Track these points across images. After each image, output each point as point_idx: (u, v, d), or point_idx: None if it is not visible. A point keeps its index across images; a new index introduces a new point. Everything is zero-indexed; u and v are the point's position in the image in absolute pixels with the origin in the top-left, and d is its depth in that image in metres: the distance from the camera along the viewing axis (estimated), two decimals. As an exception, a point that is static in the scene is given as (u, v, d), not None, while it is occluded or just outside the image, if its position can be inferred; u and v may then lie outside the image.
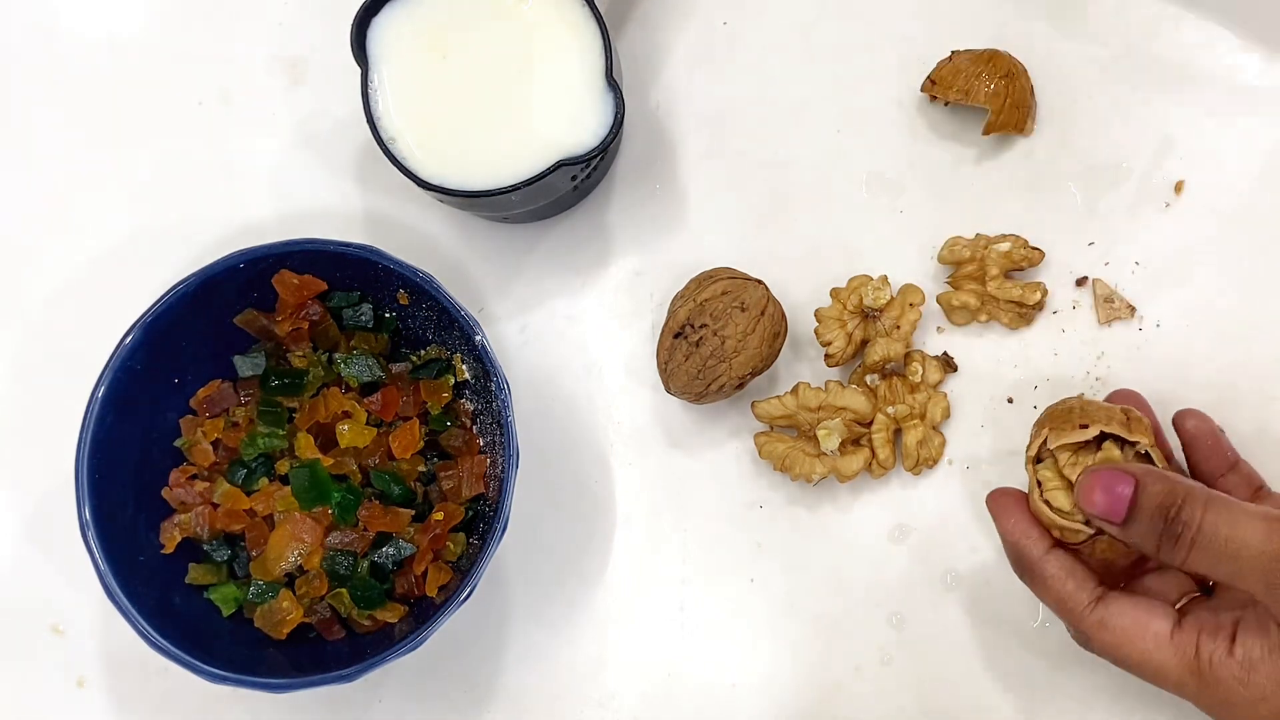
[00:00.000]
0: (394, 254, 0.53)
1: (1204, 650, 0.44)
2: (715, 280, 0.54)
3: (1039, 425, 0.50)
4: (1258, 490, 0.50)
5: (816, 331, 0.56)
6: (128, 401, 0.53)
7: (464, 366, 0.56)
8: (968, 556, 0.56)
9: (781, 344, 0.55)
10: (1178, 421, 0.51)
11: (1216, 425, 0.51)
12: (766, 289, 0.54)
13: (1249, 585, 0.42)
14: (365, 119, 0.53)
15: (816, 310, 0.56)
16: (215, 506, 0.55)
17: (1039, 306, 0.56)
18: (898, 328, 0.56)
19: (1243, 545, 0.42)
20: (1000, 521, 0.49)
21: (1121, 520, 0.45)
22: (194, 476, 0.55)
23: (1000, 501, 0.49)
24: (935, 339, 0.58)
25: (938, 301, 0.57)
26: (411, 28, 0.53)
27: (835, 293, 0.56)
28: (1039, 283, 0.56)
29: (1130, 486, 0.44)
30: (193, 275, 0.53)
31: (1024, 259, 0.56)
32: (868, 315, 0.56)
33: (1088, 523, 0.47)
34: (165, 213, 0.61)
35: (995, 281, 0.56)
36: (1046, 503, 0.48)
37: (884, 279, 0.56)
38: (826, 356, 0.56)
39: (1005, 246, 0.56)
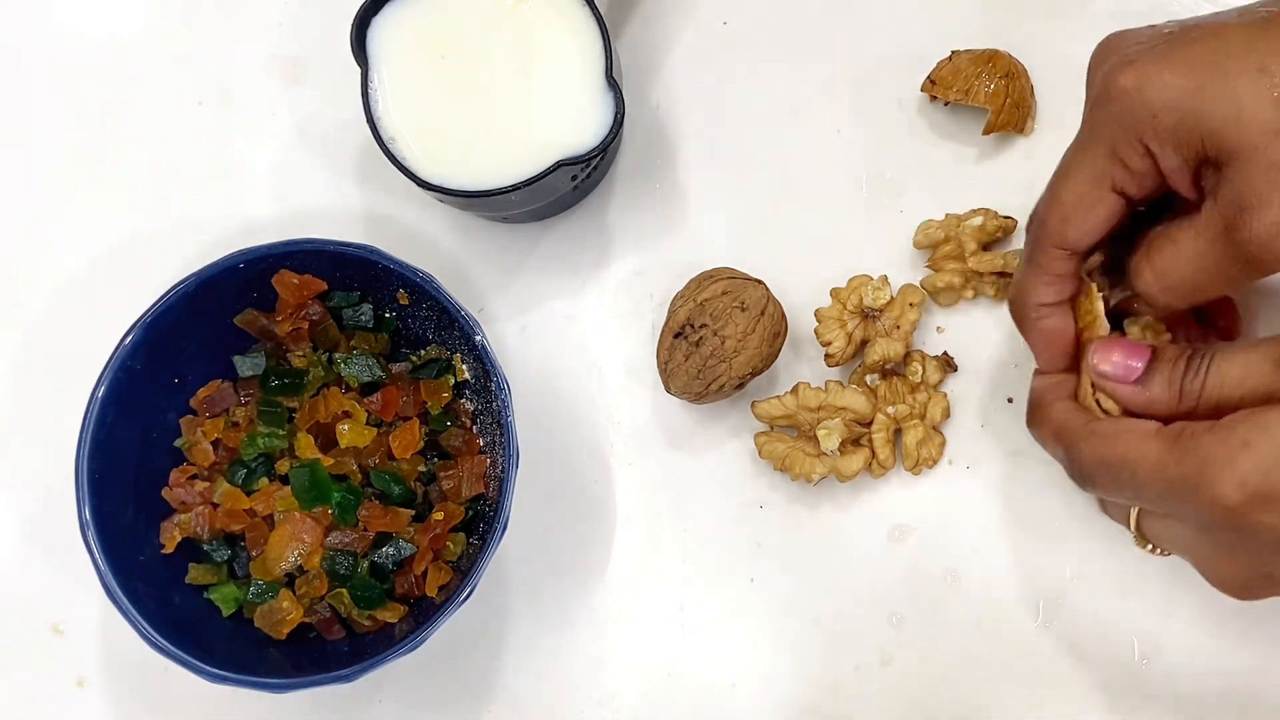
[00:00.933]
0: (394, 254, 0.53)
1: (1186, 428, 0.44)
2: (715, 280, 0.54)
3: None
4: None
5: (816, 331, 0.56)
6: (128, 401, 0.53)
7: (464, 366, 0.56)
8: (968, 556, 0.56)
9: (781, 344, 0.55)
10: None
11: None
12: (766, 289, 0.54)
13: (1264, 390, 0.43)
14: (365, 119, 0.53)
15: (816, 310, 0.56)
16: (215, 506, 0.55)
17: None
18: (898, 327, 0.56)
19: (1258, 372, 0.43)
20: (1038, 353, 0.50)
21: (1138, 377, 0.46)
22: (194, 476, 0.55)
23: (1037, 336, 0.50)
24: (935, 339, 0.58)
25: (922, 285, 0.57)
26: (411, 28, 0.53)
27: (835, 293, 0.56)
28: (1018, 250, 0.56)
29: (1147, 352, 0.46)
30: (193, 275, 0.53)
31: (998, 229, 0.56)
32: (868, 315, 0.56)
33: None
34: (165, 213, 0.61)
35: (974, 256, 0.56)
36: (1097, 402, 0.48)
37: (884, 279, 0.56)
38: (826, 356, 0.56)
39: (978, 221, 0.56)
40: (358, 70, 0.54)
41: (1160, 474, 0.43)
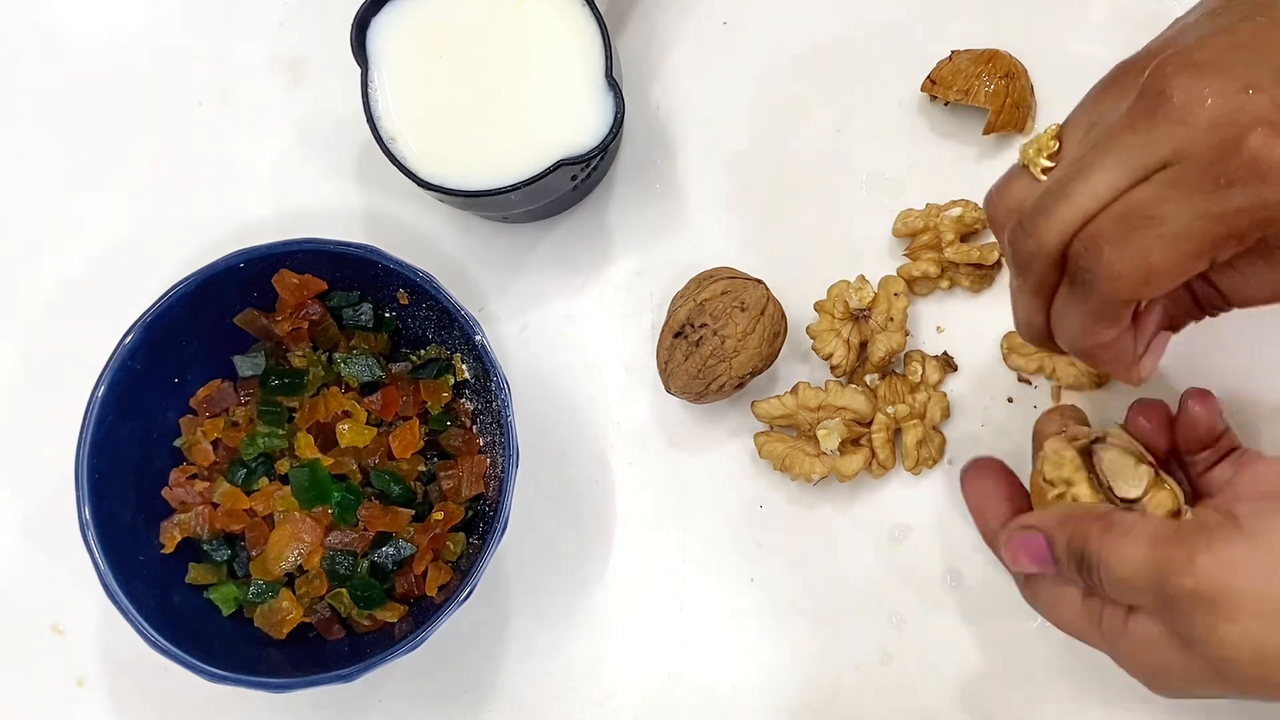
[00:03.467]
0: (394, 254, 0.53)
1: (1106, 613, 0.45)
2: (715, 280, 0.54)
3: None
4: (1224, 455, 0.49)
5: (814, 348, 0.56)
6: (128, 401, 0.53)
7: (464, 366, 0.56)
8: (968, 556, 0.56)
9: (781, 344, 0.55)
10: (1183, 399, 0.50)
11: (1217, 408, 0.49)
12: (766, 289, 0.54)
13: (1144, 603, 0.43)
14: (365, 119, 0.53)
15: (809, 328, 0.56)
16: (215, 506, 0.55)
17: (998, 266, 0.57)
18: (891, 319, 0.56)
19: (1131, 571, 0.42)
20: (968, 489, 0.50)
21: (1054, 569, 0.46)
22: (194, 476, 0.55)
23: (974, 471, 0.51)
24: (935, 339, 0.58)
25: (898, 274, 0.57)
26: (411, 28, 0.53)
27: (820, 305, 0.56)
28: (995, 243, 0.56)
29: (1042, 541, 0.46)
30: (193, 275, 0.53)
31: (976, 221, 0.56)
32: (858, 317, 0.56)
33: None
34: (165, 213, 0.61)
35: (952, 247, 0.56)
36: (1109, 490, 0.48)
37: (861, 278, 0.56)
38: (832, 368, 0.56)
39: (956, 212, 0.56)
40: (358, 70, 0.54)
41: (1096, 645, 0.47)
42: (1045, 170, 0.43)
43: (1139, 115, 0.39)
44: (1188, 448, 0.49)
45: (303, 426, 0.55)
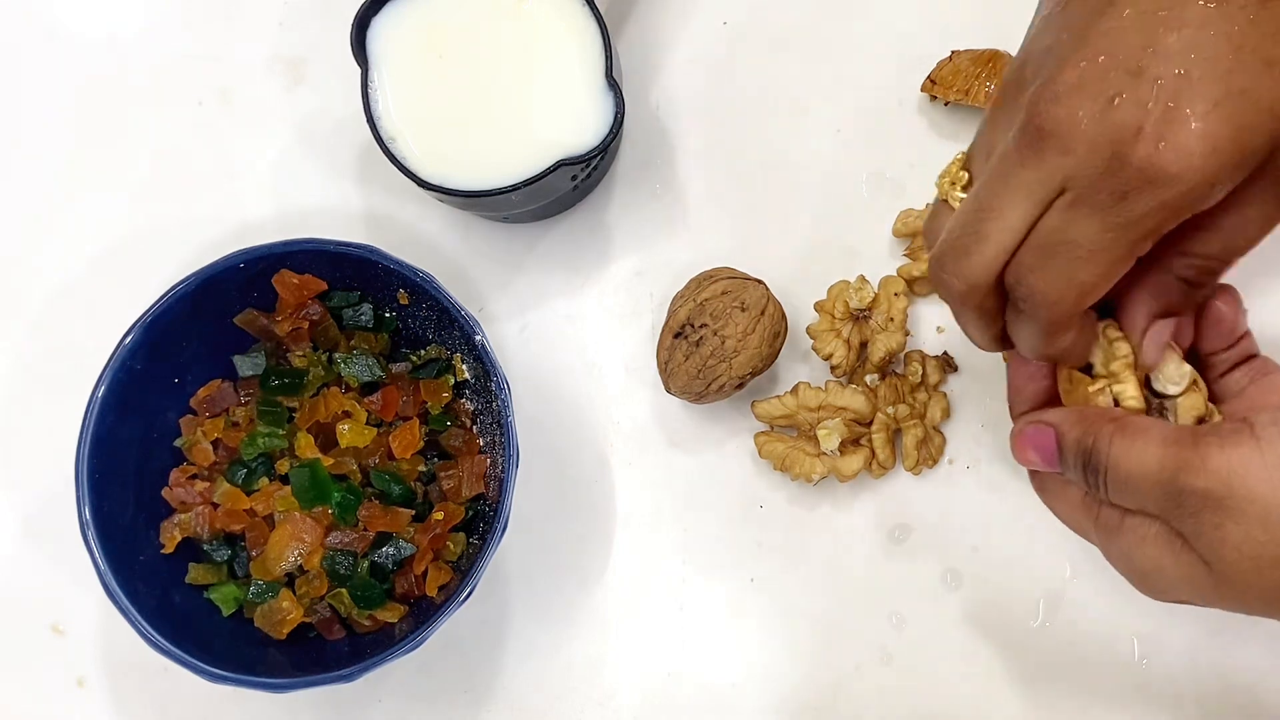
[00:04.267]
0: (394, 254, 0.53)
1: (1104, 511, 0.45)
2: (715, 280, 0.54)
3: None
4: (1243, 361, 0.48)
5: (814, 348, 0.56)
6: (128, 401, 0.53)
7: (464, 366, 0.56)
8: (968, 556, 0.56)
9: (781, 344, 0.55)
10: (1211, 299, 0.49)
11: (1241, 307, 0.48)
12: (766, 289, 0.54)
13: (1153, 509, 0.43)
14: (365, 119, 0.53)
15: (809, 328, 0.56)
16: (215, 506, 0.55)
17: None
18: (891, 319, 0.56)
19: (1142, 476, 0.42)
20: (1014, 366, 0.49)
21: (1056, 469, 0.46)
22: (194, 476, 0.55)
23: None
24: (935, 339, 0.58)
25: (898, 274, 0.57)
26: (411, 28, 0.53)
27: (820, 305, 0.56)
28: None
29: (1052, 437, 0.45)
30: (193, 275, 0.53)
31: None
32: (858, 317, 0.56)
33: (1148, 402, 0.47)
34: (165, 213, 0.61)
35: None
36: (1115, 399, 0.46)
37: (861, 278, 0.56)
38: (832, 368, 0.56)
39: None
40: (358, 70, 0.54)
41: (1086, 534, 0.46)
42: (960, 201, 0.44)
43: (1026, 151, 0.40)
44: (1210, 347, 0.48)
45: (303, 426, 0.55)
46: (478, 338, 0.53)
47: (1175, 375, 0.46)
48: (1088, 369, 0.47)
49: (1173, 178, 0.38)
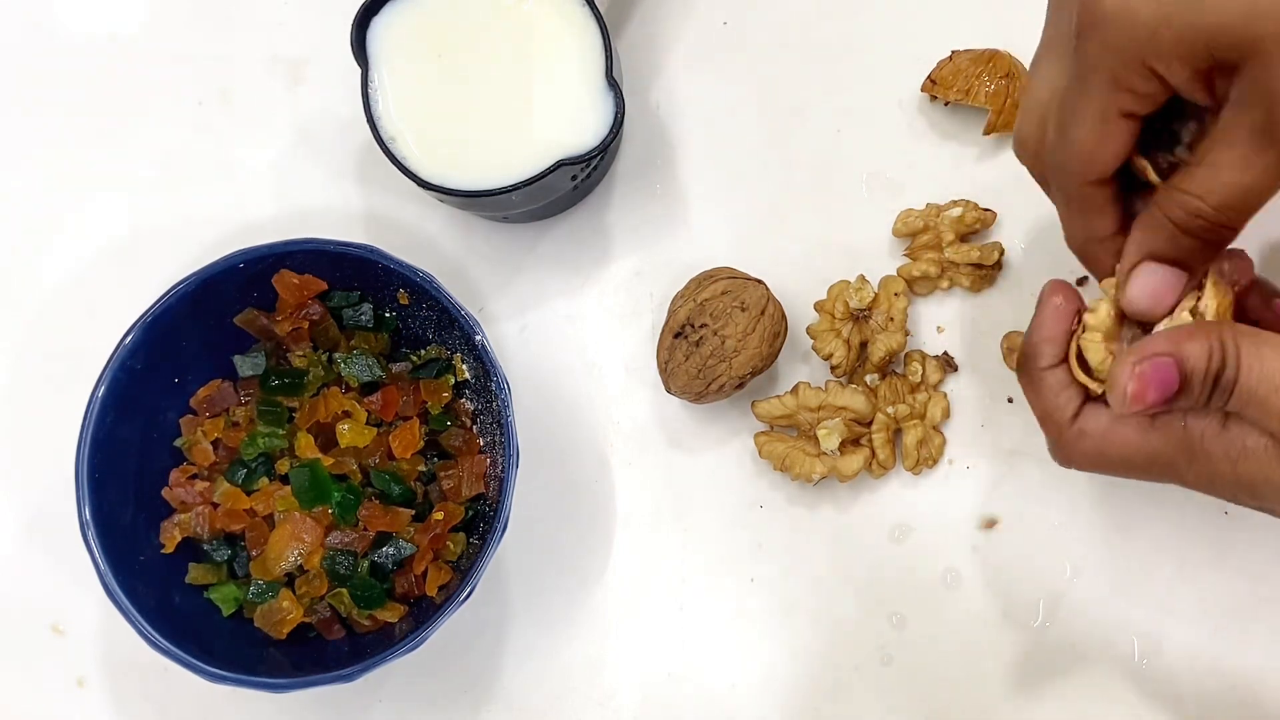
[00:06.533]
0: (394, 254, 0.53)
1: (1193, 427, 0.43)
2: (715, 280, 0.54)
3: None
4: (1271, 299, 0.48)
5: (814, 348, 0.56)
6: (128, 401, 0.53)
7: (464, 366, 0.56)
8: (968, 556, 0.56)
9: (781, 344, 0.55)
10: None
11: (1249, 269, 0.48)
12: (766, 289, 0.54)
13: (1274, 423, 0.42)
14: (365, 119, 0.53)
15: (809, 327, 0.56)
16: (215, 506, 0.55)
17: (998, 266, 0.57)
18: (891, 319, 0.56)
19: (1274, 383, 0.41)
20: (1038, 313, 0.47)
21: (1175, 398, 0.43)
22: (194, 476, 0.55)
23: (1050, 296, 0.47)
24: (935, 339, 0.58)
25: (898, 274, 0.57)
26: (411, 28, 0.53)
27: (820, 305, 0.56)
28: (996, 243, 0.57)
29: (1174, 368, 0.43)
30: (193, 275, 0.53)
31: (977, 220, 0.56)
32: (858, 317, 0.56)
33: None
34: (165, 213, 0.61)
35: (952, 247, 0.56)
36: (1081, 360, 0.45)
37: (861, 278, 0.56)
38: (832, 368, 0.56)
39: (957, 211, 0.56)
40: (358, 70, 0.54)
41: (1167, 469, 0.44)
42: None
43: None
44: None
45: (303, 426, 0.55)
46: (478, 338, 0.53)
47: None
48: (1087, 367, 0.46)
49: (1109, 16, 0.41)
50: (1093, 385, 0.45)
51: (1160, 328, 0.44)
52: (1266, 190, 0.42)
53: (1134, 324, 0.45)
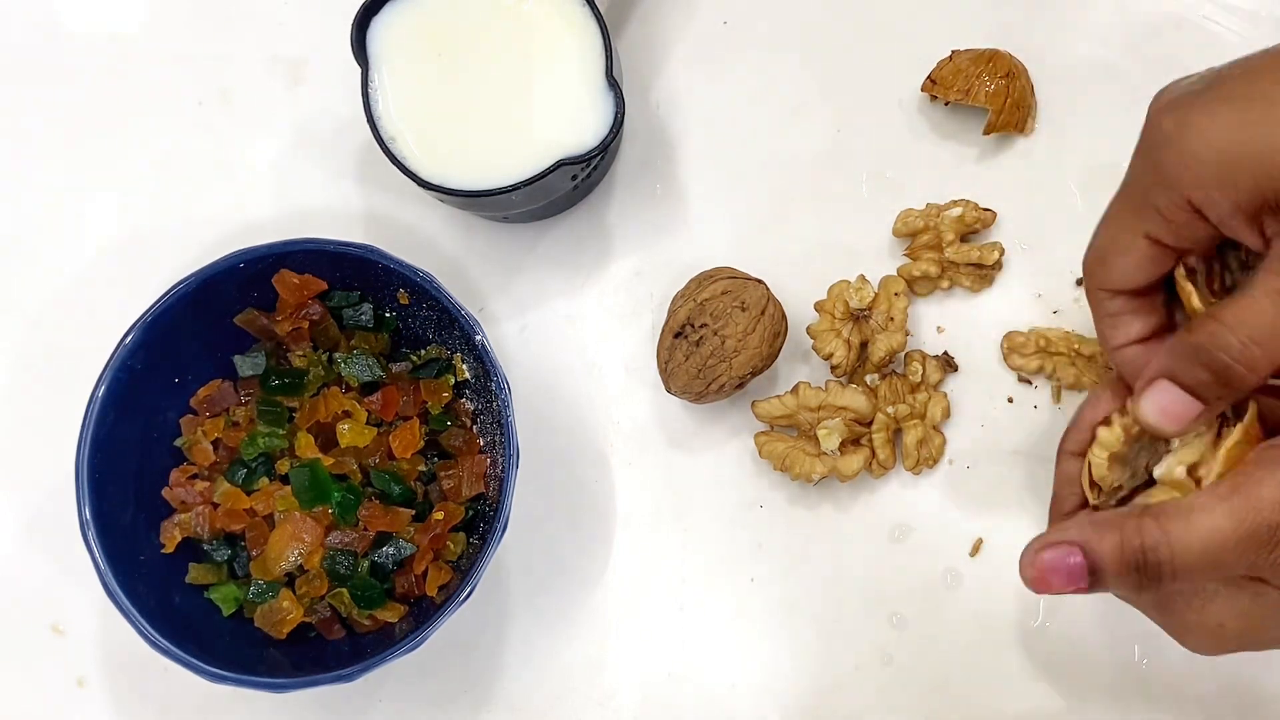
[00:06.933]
0: (394, 254, 0.53)
1: (1148, 599, 0.43)
2: (715, 280, 0.54)
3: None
4: None
5: (814, 347, 0.56)
6: (128, 401, 0.53)
7: (464, 366, 0.56)
8: (968, 556, 0.56)
9: (781, 344, 0.55)
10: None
11: None
12: (766, 289, 0.54)
13: (1239, 569, 0.40)
14: (365, 119, 0.53)
15: (809, 327, 0.56)
16: (215, 506, 0.55)
17: (998, 266, 0.57)
18: (891, 319, 0.56)
19: (1220, 547, 0.40)
20: (1086, 399, 0.47)
21: (1089, 587, 0.42)
22: (194, 476, 0.55)
23: (1102, 389, 0.46)
24: (935, 339, 0.58)
25: (898, 274, 0.57)
26: (412, 28, 0.53)
27: (820, 305, 0.56)
28: (996, 243, 0.57)
29: (1078, 555, 0.42)
30: (193, 275, 0.53)
31: (977, 220, 0.56)
32: (858, 317, 0.56)
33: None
34: (165, 213, 0.61)
35: (952, 247, 0.56)
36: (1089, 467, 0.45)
37: (862, 278, 0.56)
38: (833, 368, 0.56)
39: (957, 211, 0.56)
40: (358, 70, 0.54)
41: (1126, 596, 0.44)
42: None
43: None
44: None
45: (303, 426, 0.55)
46: (478, 338, 0.53)
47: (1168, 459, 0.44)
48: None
49: (1164, 138, 0.41)
50: (1090, 496, 0.45)
51: (1175, 445, 0.43)
52: None
53: (1152, 442, 0.45)
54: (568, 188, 0.56)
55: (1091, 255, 0.45)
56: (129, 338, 0.53)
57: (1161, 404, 0.42)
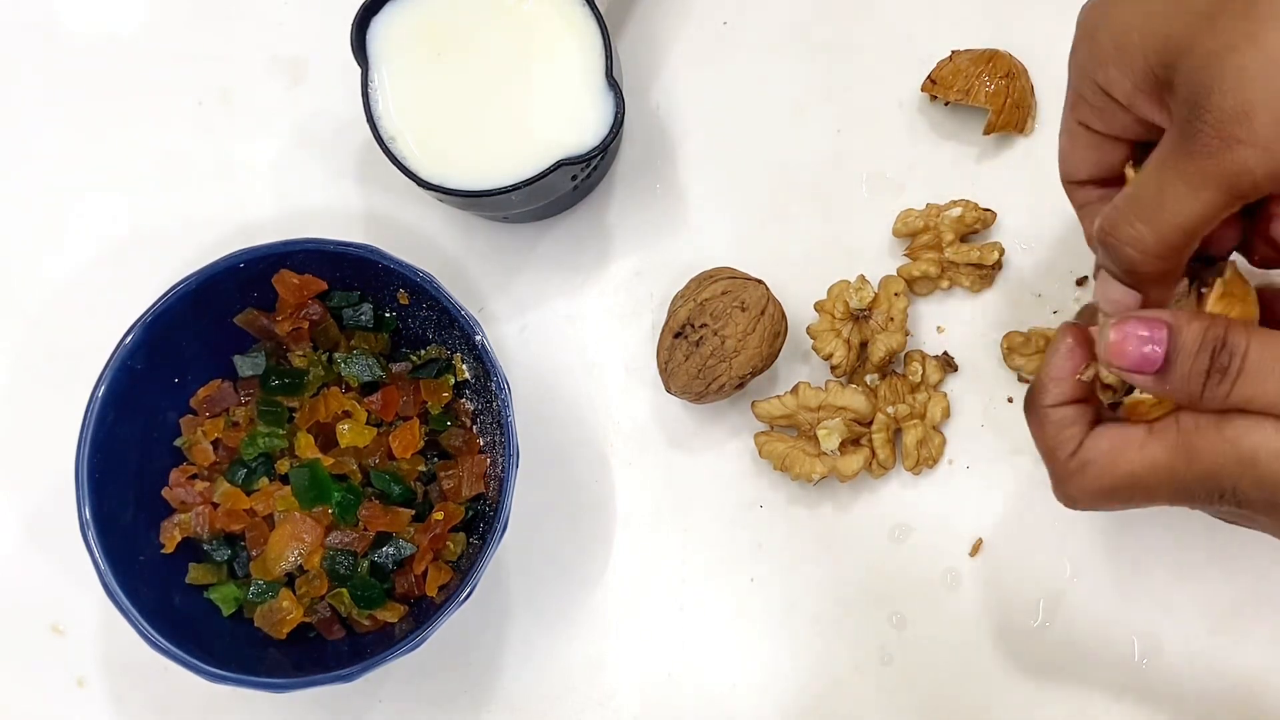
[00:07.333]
0: (394, 254, 0.53)
1: (1185, 420, 0.42)
2: (715, 280, 0.54)
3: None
4: None
5: (814, 348, 0.56)
6: (128, 401, 0.53)
7: (464, 366, 0.56)
8: (968, 556, 0.56)
9: (781, 344, 0.55)
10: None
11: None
12: (766, 289, 0.54)
13: None
14: (365, 119, 0.53)
15: (809, 327, 0.56)
16: (215, 506, 0.55)
17: (997, 266, 0.57)
18: (891, 319, 0.56)
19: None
20: (1048, 352, 0.45)
21: (1157, 368, 0.41)
22: (194, 476, 0.55)
23: (1062, 338, 0.45)
24: (935, 339, 0.58)
25: (898, 274, 0.57)
26: (411, 28, 0.53)
27: (820, 305, 0.56)
28: (995, 243, 0.57)
29: (1164, 331, 0.41)
30: (193, 275, 0.53)
31: (977, 220, 0.56)
32: (858, 317, 0.56)
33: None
34: (165, 213, 0.61)
35: (952, 247, 0.56)
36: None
37: (861, 278, 0.56)
38: (833, 368, 0.56)
39: (957, 211, 0.56)
40: (358, 70, 0.54)
41: (1170, 479, 0.42)
42: None
43: None
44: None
45: (303, 426, 0.55)
46: (478, 338, 0.53)
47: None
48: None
49: (1078, 32, 0.43)
50: (1104, 398, 0.44)
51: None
52: (1185, 219, 0.40)
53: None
54: (568, 188, 0.56)
55: (1058, 152, 0.47)
56: (129, 337, 0.53)
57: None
